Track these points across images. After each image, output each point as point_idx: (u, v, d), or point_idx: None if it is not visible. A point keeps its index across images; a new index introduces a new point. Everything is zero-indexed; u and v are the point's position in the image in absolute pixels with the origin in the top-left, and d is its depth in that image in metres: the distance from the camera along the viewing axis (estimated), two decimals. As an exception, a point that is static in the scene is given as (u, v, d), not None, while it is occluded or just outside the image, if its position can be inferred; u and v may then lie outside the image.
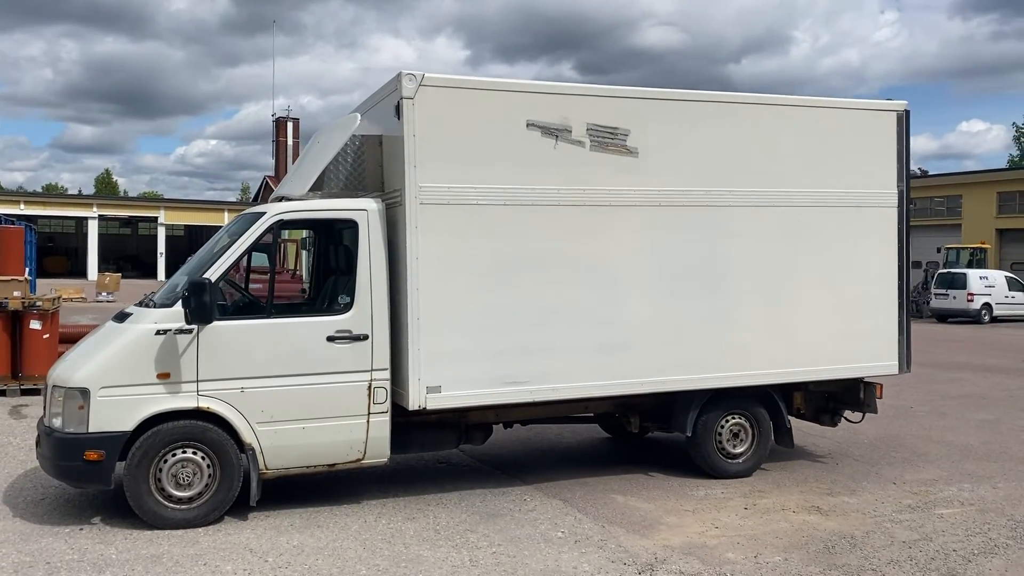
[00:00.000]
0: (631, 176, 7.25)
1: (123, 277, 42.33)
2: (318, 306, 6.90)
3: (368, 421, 6.65)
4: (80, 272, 53.64)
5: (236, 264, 6.50)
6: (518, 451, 8.91)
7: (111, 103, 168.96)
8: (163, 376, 6.17)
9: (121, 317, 6.59)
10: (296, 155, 62.51)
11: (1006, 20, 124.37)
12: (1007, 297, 30.59)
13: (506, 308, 6.89)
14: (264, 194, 63.96)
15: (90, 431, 6.05)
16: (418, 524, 6.45)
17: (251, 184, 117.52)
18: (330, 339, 6.54)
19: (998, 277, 31.29)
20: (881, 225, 8.14)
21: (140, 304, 6.83)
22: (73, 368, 6.23)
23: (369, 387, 6.63)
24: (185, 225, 60.47)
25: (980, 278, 30.49)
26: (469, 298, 6.79)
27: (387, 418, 6.71)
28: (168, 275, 53.34)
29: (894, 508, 6.97)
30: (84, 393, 6.05)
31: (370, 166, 7.15)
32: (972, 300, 29.77)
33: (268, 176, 63.45)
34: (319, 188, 6.99)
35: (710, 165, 7.53)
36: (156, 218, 54.72)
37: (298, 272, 22.81)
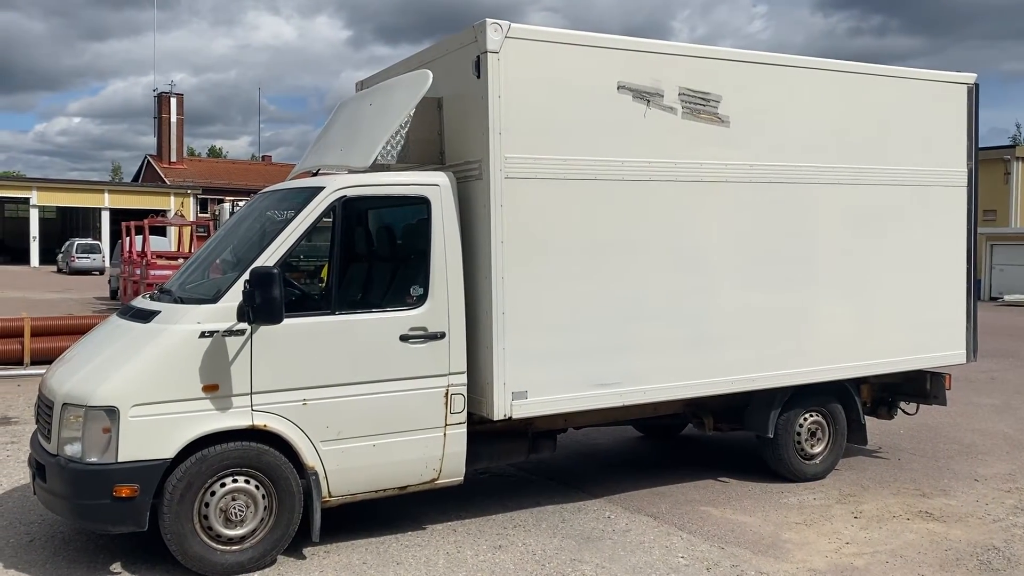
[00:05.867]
0: (720, 148, 6.45)
1: (-6, 263, 38.63)
2: (384, 300, 5.75)
3: (445, 434, 5.63)
4: (-62, 258, 48.95)
5: (292, 249, 5.30)
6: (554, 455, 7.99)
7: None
8: (210, 388, 4.97)
9: (142, 315, 5.30)
10: (180, 133, 59.07)
11: (863, 17, 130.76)
12: None
13: (595, 298, 5.99)
14: (146, 173, 60.06)
15: (120, 460, 4.80)
16: (511, 554, 5.49)
17: (123, 164, 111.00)
18: (403, 338, 5.47)
19: None
20: (952, 206, 7.63)
21: (158, 299, 5.57)
22: (93, 381, 4.93)
23: (446, 394, 5.61)
24: (57, 207, 56.02)
25: None
26: (557, 288, 5.84)
27: (464, 430, 5.70)
28: (43, 261, 49.39)
29: (1005, 510, 6.46)
30: (111, 413, 4.78)
31: (420, 133, 6.07)
32: None
33: (150, 155, 59.54)
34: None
35: (795, 137, 6.80)
36: (27, 199, 50.16)
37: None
